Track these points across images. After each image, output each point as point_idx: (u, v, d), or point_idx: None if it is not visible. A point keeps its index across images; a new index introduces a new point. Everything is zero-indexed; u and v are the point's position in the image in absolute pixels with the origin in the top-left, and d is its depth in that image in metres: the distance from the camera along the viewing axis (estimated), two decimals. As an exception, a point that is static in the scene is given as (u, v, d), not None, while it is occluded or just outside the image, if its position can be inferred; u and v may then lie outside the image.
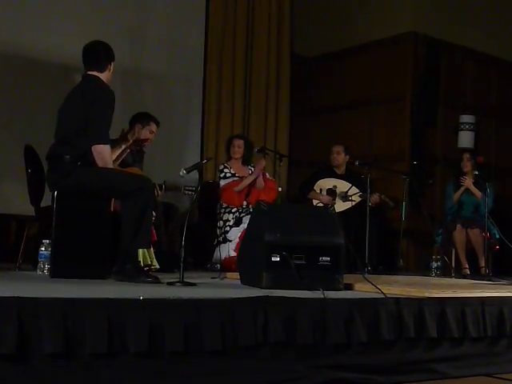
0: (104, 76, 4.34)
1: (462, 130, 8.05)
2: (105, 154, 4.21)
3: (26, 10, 6.44)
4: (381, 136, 8.09)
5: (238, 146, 6.50)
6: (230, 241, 6.03)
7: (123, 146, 4.85)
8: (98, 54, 4.36)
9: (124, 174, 4.29)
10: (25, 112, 6.34)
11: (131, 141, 4.92)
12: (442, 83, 8.03)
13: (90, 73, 4.34)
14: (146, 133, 5.49)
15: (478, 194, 6.86)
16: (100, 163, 4.20)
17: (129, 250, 4.10)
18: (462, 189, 6.98)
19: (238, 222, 6.10)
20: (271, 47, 8.19)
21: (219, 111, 7.85)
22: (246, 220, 5.81)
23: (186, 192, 5.74)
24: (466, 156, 7.11)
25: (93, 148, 4.18)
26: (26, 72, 6.44)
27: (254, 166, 6.59)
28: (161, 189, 5.54)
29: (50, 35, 6.50)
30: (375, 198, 6.67)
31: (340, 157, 7.03)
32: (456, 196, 7.01)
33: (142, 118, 5.52)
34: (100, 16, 6.82)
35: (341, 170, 7.06)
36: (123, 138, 4.85)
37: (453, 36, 8.07)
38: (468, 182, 6.93)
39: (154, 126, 5.54)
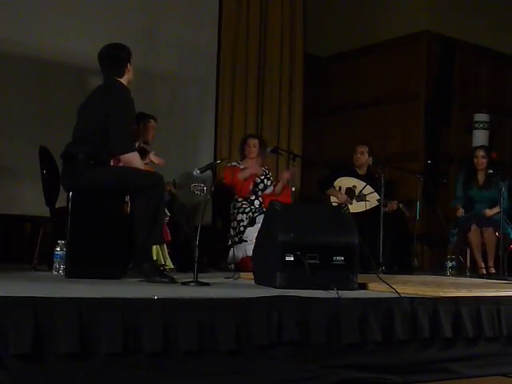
0: (124, 79, 4.35)
1: (477, 128, 8.01)
2: (134, 163, 4.27)
3: (40, 12, 6.47)
4: (395, 135, 8.08)
5: (254, 146, 6.51)
6: (246, 241, 6.03)
7: None
8: (113, 59, 4.35)
9: (136, 171, 4.31)
10: (39, 113, 6.37)
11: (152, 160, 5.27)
12: (456, 82, 8.00)
13: (112, 78, 4.34)
14: (150, 130, 5.65)
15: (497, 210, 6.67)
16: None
17: (144, 247, 4.12)
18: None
19: (251, 222, 6.11)
20: (284, 47, 8.19)
21: (232, 111, 7.86)
22: (260, 219, 5.82)
23: (196, 192, 5.76)
24: (481, 153, 6.93)
25: (121, 158, 4.25)
26: (40, 73, 6.47)
27: (268, 168, 6.61)
28: (174, 187, 5.60)
29: (63, 37, 6.53)
30: (392, 205, 6.64)
31: (363, 157, 6.96)
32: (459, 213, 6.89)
33: (141, 119, 5.59)
34: (113, 17, 6.84)
35: (362, 171, 7.01)
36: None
37: (467, 34, 8.03)
38: (488, 212, 6.73)
39: (153, 122, 5.72)
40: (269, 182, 6.54)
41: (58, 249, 4.50)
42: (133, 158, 4.26)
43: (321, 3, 8.67)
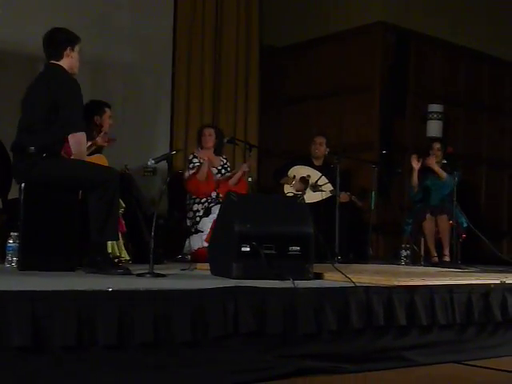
0: (64, 63, 4.22)
1: (431, 119, 8.10)
2: (82, 142, 4.18)
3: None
4: (350, 125, 8.12)
5: (209, 134, 6.48)
6: (202, 231, 6.02)
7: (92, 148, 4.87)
8: (52, 42, 4.24)
9: (90, 166, 4.25)
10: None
11: (99, 143, 5.09)
12: (411, 73, 8.08)
13: (51, 61, 4.24)
14: (106, 121, 5.44)
15: (443, 174, 6.82)
16: (75, 150, 4.17)
17: (98, 242, 4.08)
18: (415, 174, 6.90)
19: (207, 212, 6.09)
20: (240, 37, 8.18)
21: (188, 101, 7.83)
22: (216, 210, 5.82)
23: (146, 173, 5.72)
24: (437, 146, 7.02)
25: (70, 136, 4.14)
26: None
27: (226, 158, 6.59)
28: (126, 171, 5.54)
29: (15, 25, 6.40)
30: (344, 196, 6.67)
31: (322, 148, 6.99)
32: (414, 181, 6.94)
33: (96, 109, 5.43)
34: (67, 5, 6.74)
35: (319, 162, 7.04)
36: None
37: (421, 26, 8.11)
38: (431, 160, 6.87)
39: (109, 111, 5.48)
40: (227, 173, 6.51)
41: (11, 241, 4.42)
42: (81, 138, 4.16)
43: (276, -7, 8.67)
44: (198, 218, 6.13)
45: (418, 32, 8.09)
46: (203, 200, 6.23)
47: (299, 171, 6.90)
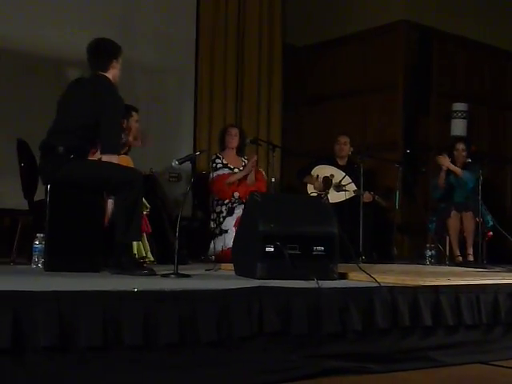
0: (110, 74, 4.30)
1: (455, 117, 8.04)
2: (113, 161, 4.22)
3: (15, 4, 6.39)
4: (373, 125, 8.09)
5: (235, 135, 6.47)
6: (226, 231, 6.02)
7: None
8: (99, 53, 4.30)
9: (114, 167, 4.27)
10: (17, 106, 6.30)
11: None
12: (434, 71, 8.03)
13: (99, 73, 4.28)
14: (133, 124, 5.46)
15: (458, 170, 6.76)
16: None
17: (122, 242, 4.10)
18: (443, 174, 6.86)
19: (230, 212, 6.10)
20: (263, 37, 8.18)
21: (211, 102, 7.83)
22: (239, 209, 5.84)
23: (171, 179, 5.74)
24: (461, 147, 6.98)
25: (104, 156, 4.20)
26: (17, 66, 6.40)
27: (247, 159, 6.57)
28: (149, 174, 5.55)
29: (40, 28, 6.46)
30: (368, 196, 6.63)
31: (347, 147, 6.99)
32: (441, 181, 6.90)
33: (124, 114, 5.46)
34: (91, 7, 6.77)
35: (343, 161, 7.03)
36: None
37: (444, 24, 8.06)
38: (445, 160, 6.84)
39: (136, 115, 5.50)
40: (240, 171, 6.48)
41: (37, 242, 4.46)
42: (113, 159, 4.21)
43: (299, -7, 8.66)
44: (221, 219, 6.13)
45: (441, 30, 8.04)
46: (226, 201, 6.23)
47: (323, 171, 6.88)
